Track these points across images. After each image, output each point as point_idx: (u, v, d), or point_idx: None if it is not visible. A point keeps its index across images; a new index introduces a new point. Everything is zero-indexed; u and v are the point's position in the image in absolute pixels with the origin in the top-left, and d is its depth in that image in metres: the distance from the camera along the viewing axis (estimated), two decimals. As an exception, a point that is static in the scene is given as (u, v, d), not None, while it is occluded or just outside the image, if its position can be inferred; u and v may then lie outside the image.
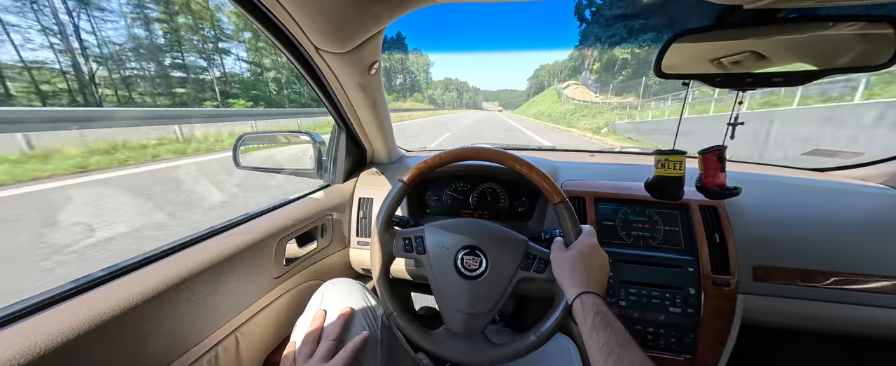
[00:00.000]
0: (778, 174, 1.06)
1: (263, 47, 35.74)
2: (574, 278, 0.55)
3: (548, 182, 0.61)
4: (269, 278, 0.76)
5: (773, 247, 0.80)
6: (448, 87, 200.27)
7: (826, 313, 0.78)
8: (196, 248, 0.62)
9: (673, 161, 0.70)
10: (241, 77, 36.79)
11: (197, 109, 16.24)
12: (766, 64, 0.61)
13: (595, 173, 1.03)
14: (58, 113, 6.33)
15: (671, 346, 0.81)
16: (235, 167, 1.07)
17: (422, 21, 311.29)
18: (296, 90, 38.62)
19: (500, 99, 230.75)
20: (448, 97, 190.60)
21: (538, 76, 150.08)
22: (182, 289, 0.54)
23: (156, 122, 7.98)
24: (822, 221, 0.82)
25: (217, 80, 31.22)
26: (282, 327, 0.80)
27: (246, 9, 0.52)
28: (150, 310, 0.49)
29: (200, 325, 0.58)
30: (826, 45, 0.57)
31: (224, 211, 3.40)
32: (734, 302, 0.78)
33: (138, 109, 14.07)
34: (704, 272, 0.79)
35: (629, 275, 0.83)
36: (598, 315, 0.48)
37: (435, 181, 1.08)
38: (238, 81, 35.15)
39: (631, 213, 0.89)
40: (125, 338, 0.46)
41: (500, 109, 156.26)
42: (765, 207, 0.86)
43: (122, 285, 0.49)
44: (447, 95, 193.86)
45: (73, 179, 4.30)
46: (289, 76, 38.09)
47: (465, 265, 0.64)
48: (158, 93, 28.19)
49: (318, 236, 0.95)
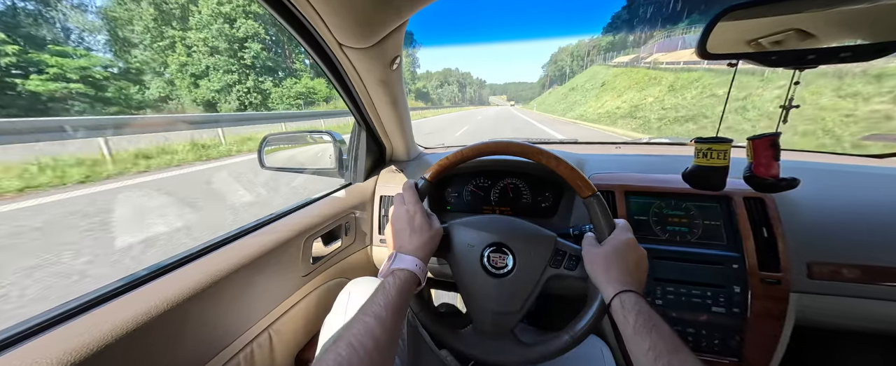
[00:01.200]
0: (830, 161, 0.97)
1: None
2: (610, 275, 0.52)
3: (577, 175, 0.58)
4: (297, 276, 0.77)
5: (829, 241, 0.74)
6: (447, 79, 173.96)
7: (892, 312, 0.71)
8: (228, 248, 0.63)
9: (717, 150, 0.64)
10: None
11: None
12: (813, 42, 0.55)
13: (623, 166, 0.98)
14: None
15: (715, 348, 0.76)
16: (260, 168, 1.10)
17: (424, 13, 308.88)
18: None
19: (509, 92, 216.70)
20: (447, 91, 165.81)
21: (557, 61, 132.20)
22: (218, 287, 0.55)
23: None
24: (883, 212, 0.74)
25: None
26: (311, 324, 0.81)
27: (273, 7, 0.52)
28: (190, 308, 0.50)
29: (236, 322, 0.59)
30: (892, 15, 0.51)
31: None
32: (786, 302, 0.72)
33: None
34: (751, 269, 0.73)
35: (665, 272, 0.79)
36: (640, 315, 0.45)
37: (455, 178, 1.06)
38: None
39: (665, 207, 0.84)
40: (166, 336, 0.48)
41: (511, 103, 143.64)
42: (818, 197, 0.78)
43: (162, 284, 0.51)
44: (445, 88, 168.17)
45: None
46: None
47: (492, 263, 0.62)
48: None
49: (341, 235, 0.96)
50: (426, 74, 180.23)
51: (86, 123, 5.68)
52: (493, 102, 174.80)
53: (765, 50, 0.54)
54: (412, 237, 0.57)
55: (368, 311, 0.44)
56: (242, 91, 27.66)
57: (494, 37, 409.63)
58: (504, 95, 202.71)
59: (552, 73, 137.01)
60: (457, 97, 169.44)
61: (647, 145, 1.35)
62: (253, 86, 28.03)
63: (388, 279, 0.50)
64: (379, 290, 0.48)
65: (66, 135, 5.16)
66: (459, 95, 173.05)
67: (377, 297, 0.47)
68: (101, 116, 10.03)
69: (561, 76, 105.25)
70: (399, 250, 0.56)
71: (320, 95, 31.09)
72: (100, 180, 4.69)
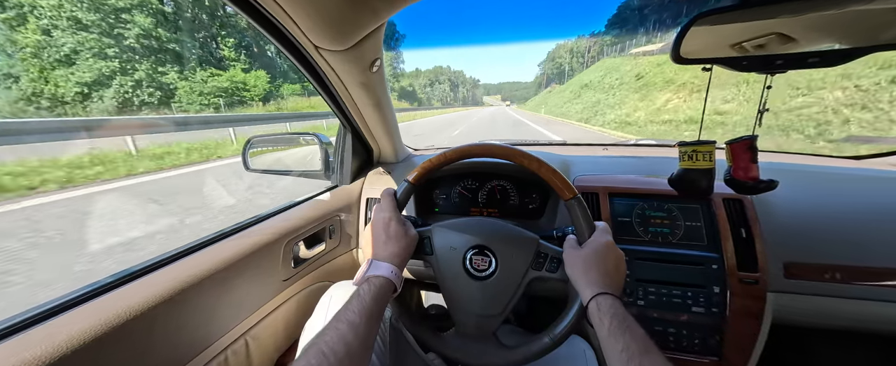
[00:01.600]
0: (808, 163, 0.99)
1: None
2: (588, 278, 0.52)
3: (558, 178, 0.59)
4: (277, 281, 0.76)
5: (806, 241, 0.75)
6: (437, 77, 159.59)
7: (870, 312, 0.72)
8: (203, 252, 0.62)
9: (701, 152, 0.65)
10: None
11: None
12: (794, 46, 0.56)
13: (609, 167, 0.99)
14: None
15: (695, 347, 0.77)
16: (245, 170, 1.08)
17: (415, 14, 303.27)
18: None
19: (503, 92, 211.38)
20: (438, 91, 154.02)
21: (555, 59, 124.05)
22: (190, 293, 0.54)
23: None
24: (859, 212, 0.76)
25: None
26: (292, 329, 0.80)
27: (243, 9, 0.51)
28: (159, 315, 0.49)
29: (209, 329, 0.58)
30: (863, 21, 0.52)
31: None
32: (763, 301, 0.73)
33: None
34: (730, 270, 0.74)
35: (647, 273, 0.79)
36: (615, 318, 0.46)
37: (443, 179, 1.06)
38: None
39: (648, 208, 0.85)
40: (133, 344, 0.46)
41: (507, 103, 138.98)
42: (795, 199, 0.80)
43: (130, 290, 0.49)
44: (436, 88, 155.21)
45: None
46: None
47: (475, 266, 0.62)
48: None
49: (326, 238, 0.95)
50: (415, 72, 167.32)
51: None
52: (487, 102, 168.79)
53: (735, 55, 0.55)
54: (387, 244, 0.57)
55: (342, 318, 0.44)
56: (128, 85, 18.82)
57: (488, 38, 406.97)
58: (498, 95, 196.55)
59: (549, 72, 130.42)
60: (448, 97, 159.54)
61: (635, 147, 1.37)
62: (145, 78, 19.35)
63: (363, 286, 0.50)
64: (354, 297, 0.48)
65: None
66: (451, 95, 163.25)
67: (352, 304, 0.47)
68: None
69: (560, 74, 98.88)
70: (375, 258, 0.57)
71: (254, 92, 22.92)
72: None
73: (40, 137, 4.90)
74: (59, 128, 5.17)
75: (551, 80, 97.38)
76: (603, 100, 22.84)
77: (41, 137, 4.91)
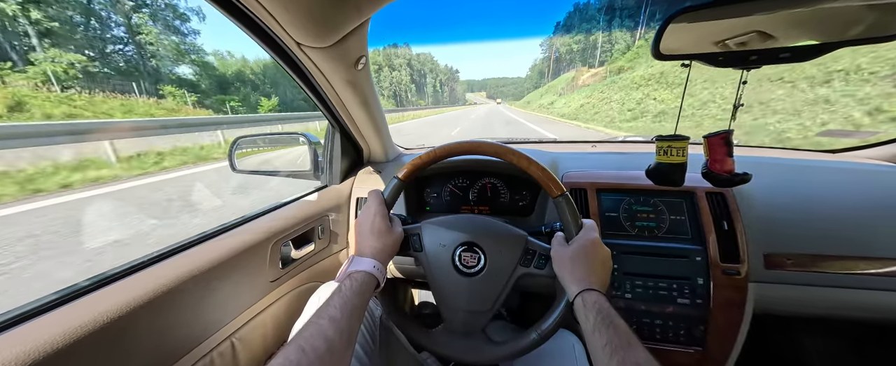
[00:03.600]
0: (787, 157, 1.02)
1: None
2: (575, 274, 0.53)
3: (546, 175, 0.59)
4: (264, 282, 0.75)
5: (785, 232, 0.77)
6: (391, 61, 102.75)
7: (843, 299, 0.75)
8: (185, 254, 0.61)
9: (676, 147, 0.67)
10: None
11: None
12: (773, 43, 0.58)
13: (596, 164, 1.00)
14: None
15: (680, 338, 0.78)
16: (232, 171, 1.07)
17: (404, 11, 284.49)
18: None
19: (488, 88, 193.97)
20: (389, 79, 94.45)
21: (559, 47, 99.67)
22: (171, 296, 0.53)
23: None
24: (835, 204, 0.79)
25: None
26: (281, 331, 0.79)
27: (224, 8, 0.51)
28: (138, 319, 0.48)
29: (191, 332, 0.57)
30: (834, 17, 0.54)
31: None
32: (745, 292, 0.75)
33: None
34: (713, 261, 0.76)
35: (634, 267, 0.81)
36: (599, 313, 0.47)
37: (434, 178, 1.06)
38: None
39: (634, 203, 0.87)
40: (111, 349, 0.45)
41: (498, 101, 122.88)
42: (774, 192, 0.82)
43: (107, 294, 0.48)
44: (384, 75, 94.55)
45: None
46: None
47: (464, 262, 0.63)
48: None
49: (315, 238, 0.94)
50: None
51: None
52: (470, 99, 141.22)
53: (712, 51, 0.56)
54: (371, 239, 0.57)
55: (323, 313, 0.44)
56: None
57: (472, 36, 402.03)
58: (483, 92, 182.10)
59: (542, 67, 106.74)
60: (406, 92, 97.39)
61: (622, 144, 1.39)
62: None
63: (344, 282, 0.50)
64: (335, 293, 0.48)
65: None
66: (412, 89, 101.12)
67: (333, 299, 0.47)
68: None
69: (557, 70, 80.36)
70: (358, 254, 0.57)
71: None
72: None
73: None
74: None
75: (557, 75, 74.59)
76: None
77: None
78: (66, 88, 17.91)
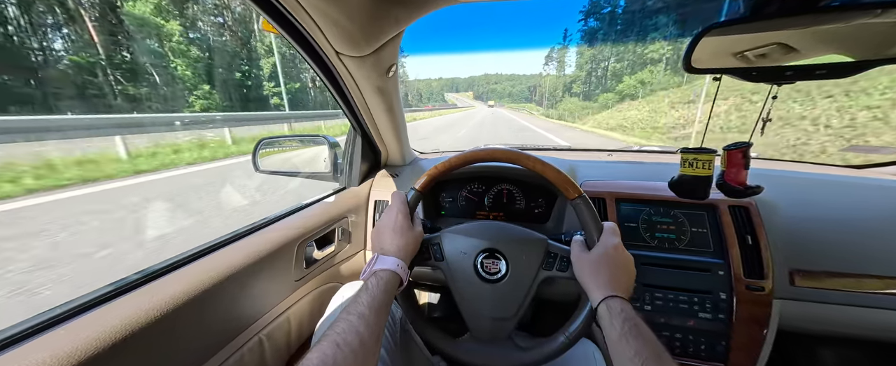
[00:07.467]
0: (812, 171, 1.00)
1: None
2: (598, 280, 0.52)
3: (562, 177, 0.59)
4: (290, 281, 0.77)
5: (811, 249, 0.76)
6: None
7: (870, 319, 0.73)
8: (222, 251, 0.63)
9: (702, 160, 0.67)
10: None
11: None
12: (796, 56, 0.58)
13: (614, 173, 1.00)
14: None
15: (701, 354, 0.77)
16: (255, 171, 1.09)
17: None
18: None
19: (475, 88, 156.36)
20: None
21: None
22: (210, 292, 0.54)
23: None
24: (862, 221, 0.77)
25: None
26: (303, 329, 0.81)
27: (270, 14, 0.53)
28: (182, 313, 0.50)
29: (227, 327, 0.59)
30: (871, 34, 0.54)
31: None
32: (769, 308, 0.74)
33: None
34: (736, 276, 0.75)
35: (654, 278, 0.80)
36: (627, 322, 0.45)
37: (449, 183, 1.07)
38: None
39: (654, 214, 0.86)
40: (157, 341, 0.47)
41: (491, 103, 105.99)
42: (800, 207, 0.81)
43: (155, 288, 0.50)
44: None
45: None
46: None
47: (486, 269, 0.63)
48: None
49: (335, 239, 0.96)
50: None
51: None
52: (450, 99, 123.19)
53: (746, 66, 0.56)
54: (394, 238, 0.58)
55: (352, 310, 0.45)
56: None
57: (489, 45, 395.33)
58: (470, 93, 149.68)
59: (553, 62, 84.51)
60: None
61: (639, 153, 1.38)
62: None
63: (370, 280, 0.51)
64: (362, 290, 0.49)
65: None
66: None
67: (361, 297, 0.47)
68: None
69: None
70: (380, 252, 0.57)
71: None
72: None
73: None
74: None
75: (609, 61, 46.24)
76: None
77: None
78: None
